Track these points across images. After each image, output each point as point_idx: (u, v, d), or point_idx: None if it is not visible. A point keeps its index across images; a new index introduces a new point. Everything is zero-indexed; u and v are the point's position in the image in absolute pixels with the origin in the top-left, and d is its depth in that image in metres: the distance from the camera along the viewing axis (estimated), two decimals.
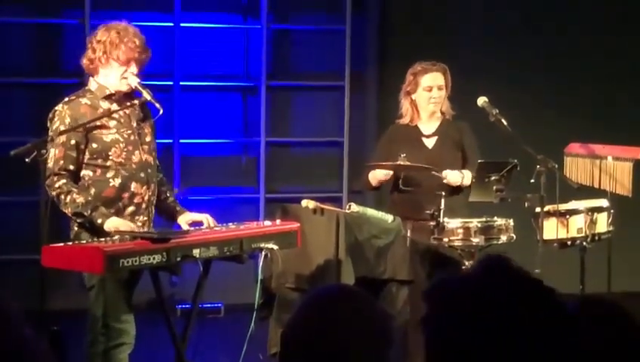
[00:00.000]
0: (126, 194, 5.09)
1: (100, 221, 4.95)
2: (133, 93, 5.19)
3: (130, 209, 5.12)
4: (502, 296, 1.80)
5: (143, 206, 5.14)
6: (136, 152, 5.12)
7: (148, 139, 5.22)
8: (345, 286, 2.28)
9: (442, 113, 6.20)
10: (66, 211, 4.98)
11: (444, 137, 6.18)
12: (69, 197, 4.95)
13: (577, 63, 8.82)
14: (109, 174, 5.06)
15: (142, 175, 5.14)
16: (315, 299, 2.07)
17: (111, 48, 5.06)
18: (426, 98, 6.12)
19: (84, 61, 5.15)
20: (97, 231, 4.97)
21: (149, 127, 5.26)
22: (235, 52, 8.67)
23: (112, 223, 4.96)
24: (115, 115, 5.10)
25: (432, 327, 1.82)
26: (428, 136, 6.20)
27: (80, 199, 4.96)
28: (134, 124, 5.16)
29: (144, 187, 5.14)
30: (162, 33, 8.23)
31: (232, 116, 8.70)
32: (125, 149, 5.08)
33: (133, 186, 5.10)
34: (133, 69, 5.10)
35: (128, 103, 5.15)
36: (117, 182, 5.07)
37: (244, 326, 5.39)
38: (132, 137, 5.13)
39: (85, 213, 4.94)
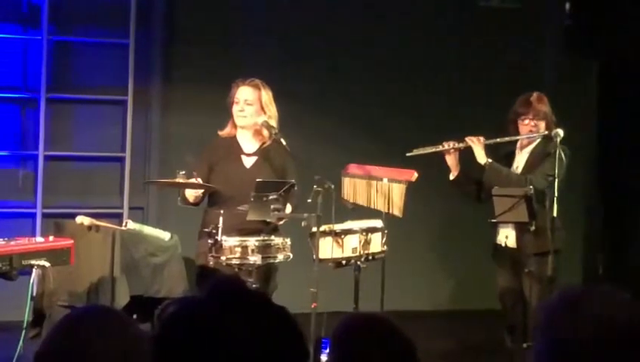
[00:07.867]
0: None
1: None
2: None
3: None
4: (225, 320, 1.80)
5: None
6: None
7: None
8: (100, 307, 2.24)
9: (265, 135, 6.16)
10: None
11: (264, 160, 6.17)
12: None
13: (361, 87, 9.04)
14: None
15: None
16: (65, 320, 2.03)
17: None
18: (234, 111, 6.16)
19: None
20: None
21: None
22: (14, 63, 8.42)
23: None
24: None
25: (157, 348, 1.81)
26: (248, 155, 6.19)
27: None
28: None
29: None
30: None
31: (10, 128, 8.44)
32: None
33: None
34: None
35: None
36: None
37: (14, 344, 5.25)
38: None
39: None
